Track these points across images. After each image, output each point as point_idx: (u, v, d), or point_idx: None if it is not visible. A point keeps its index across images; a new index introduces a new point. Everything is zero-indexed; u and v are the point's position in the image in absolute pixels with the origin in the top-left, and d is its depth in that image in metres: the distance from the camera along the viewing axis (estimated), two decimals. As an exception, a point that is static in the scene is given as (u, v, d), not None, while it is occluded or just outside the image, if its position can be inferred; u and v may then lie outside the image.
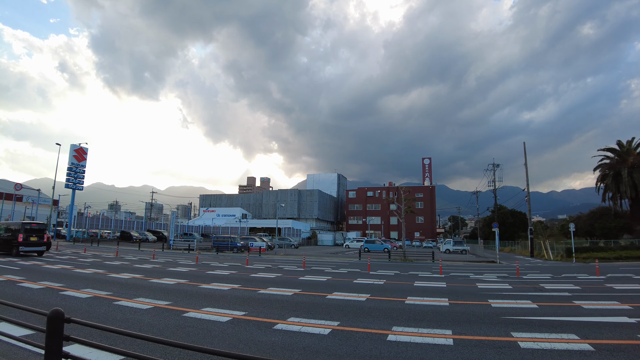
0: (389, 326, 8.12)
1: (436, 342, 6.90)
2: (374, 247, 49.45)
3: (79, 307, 8.99)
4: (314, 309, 9.82)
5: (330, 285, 14.42)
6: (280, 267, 21.15)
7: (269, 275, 16.82)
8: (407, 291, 13.45)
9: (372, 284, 15.10)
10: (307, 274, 17.74)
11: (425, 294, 12.64)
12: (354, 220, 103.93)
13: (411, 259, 32.11)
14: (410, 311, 9.76)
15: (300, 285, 14.07)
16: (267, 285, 13.60)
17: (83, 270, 16.28)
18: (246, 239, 43.11)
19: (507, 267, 27.06)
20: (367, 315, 9.25)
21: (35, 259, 20.84)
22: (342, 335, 7.33)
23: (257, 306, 9.85)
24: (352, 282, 15.47)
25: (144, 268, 18.39)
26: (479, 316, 9.29)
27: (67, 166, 49.31)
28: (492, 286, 15.40)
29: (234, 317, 8.56)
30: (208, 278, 15.26)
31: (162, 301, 9.93)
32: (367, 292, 12.70)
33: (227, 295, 11.49)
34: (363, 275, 18.49)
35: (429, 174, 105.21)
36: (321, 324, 8.19)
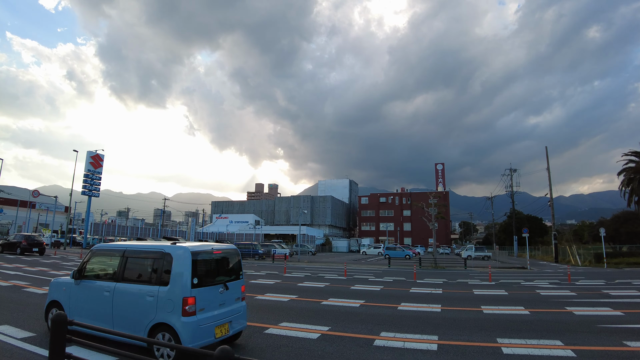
0: (492, 338, 7.54)
1: (555, 353, 6.57)
2: (395, 253, 48.32)
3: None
4: (399, 322, 8.99)
5: (392, 295, 13.57)
6: (320, 276, 20.17)
7: (318, 285, 15.88)
8: (475, 300, 12.82)
9: (432, 293, 14.28)
10: (356, 283, 16.80)
11: (497, 303, 12.10)
12: (367, 226, 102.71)
13: (443, 266, 31.12)
14: (497, 321, 9.29)
15: (358, 295, 13.16)
16: (325, 296, 12.70)
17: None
18: (266, 246, 42.19)
19: (547, 274, 26.20)
20: (462, 328, 8.51)
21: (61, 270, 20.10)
22: (453, 351, 6.69)
23: (334, 319, 8.95)
24: (410, 292, 14.65)
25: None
26: (579, 325, 8.96)
27: (84, 173, 48.73)
28: (555, 293, 14.80)
29: (321, 332, 7.66)
30: (257, 288, 14.35)
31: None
32: (437, 303, 11.98)
33: (293, 307, 10.63)
34: (413, 284, 17.61)
35: (442, 179, 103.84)
36: (424, 338, 7.46)
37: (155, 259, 6.05)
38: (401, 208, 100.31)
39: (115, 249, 6.65)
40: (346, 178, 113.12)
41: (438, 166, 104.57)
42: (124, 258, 6.32)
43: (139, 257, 6.36)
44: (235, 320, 6.35)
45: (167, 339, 5.47)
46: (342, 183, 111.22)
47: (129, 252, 6.37)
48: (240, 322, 6.55)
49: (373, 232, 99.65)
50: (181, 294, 5.54)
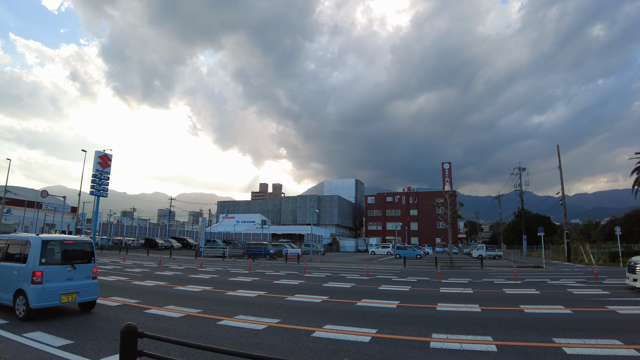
0: (548, 338, 7.25)
1: (619, 353, 6.34)
2: (406, 253, 47.67)
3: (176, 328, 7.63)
4: (444, 323, 8.65)
5: (424, 296, 13.15)
6: (342, 276, 19.71)
7: (344, 285, 15.43)
8: (510, 299, 12.51)
9: (464, 293, 13.89)
10: (382, 284, 16.33)
11: (534, 302, 11.81)
12: (373, 226, 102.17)
13: (459, 266, 30.69)
14: (543, 320, 9.05)
15: (389, 295, 12.72)
16: (357, 297, 12.27)
17: (142, 283, 15.02)
18: (276, 246, 41.79)
19: (567, 272, 25.86)
20: (510, 328, 8.20)
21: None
22: (514, 352, 6.41)
23: (376, 321, 8.53)
24: (440, 292, 14.22)
25: (210, 280, 17.09)
26: (628, 323, 8.76)
27: (92, 173, 48.35)
28: (588, 292, 14.37)
29: (371, 335, 7.24)
30: (284, 289, 13.93)
31: (271, 319, 8.58)
32: (473, 302, 11.58)
33: (330, 308, 10.17)
34: (440, 284, 17.17)
35: (449, 178, 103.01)
36: (478, 339, 7.15)
37: (22, 245, 8.49)
38: (408, 207, 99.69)
39: (2, 239, 9.37)
40: (352, 177, 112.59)
41: (445, 165, 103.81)
42: (7, 244, 8.87)
43: (15, 243, 8.75)
44: (82, 292, 8.65)
45: (22, 301, 7.89)
46: (348, 183, 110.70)
47: (10, 240, 8.97)
48: (88, 294, 8.80)
49: (380, 232, 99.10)
50: (32, 269, 7.99)
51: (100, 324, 7.75)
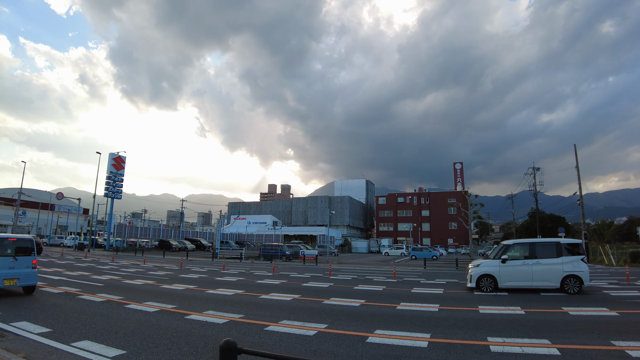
0: (606, 341, 7.03)
1: None
2: (421, 254, 47.30)
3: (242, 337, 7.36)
4: (494, 326, 8.35)
5: (461, 299, 12.76)
6: (369, 278, 19.32)
7: (376, 288, 15.03)
8: (549, 301, 12.14)
9: (500, 295, 13.47)
10: (413, 286, 15.93)
11: (577, 304, 11.34)
12: (385, 226, 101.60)
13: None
14: (593, 322, 8.96)
15: (425, 299, 12.34)
16: (394, 300, 11.95)
17: (171, 286, 14.82)
18: (291, 247, 41.55)
19: (593, 274, 25.24)
20: (573, 330, 7.90)
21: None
22: (577, 355, 6.10)
23: (434, 326, 8.11)
24: (475, 295, 13.77)
25: (238, 282, 16.84)
26: None
27: (106, 175, 48.60)
28: (625, 294, 13.97)
29: (427, 340, 6.87)
30: (318, 291, 13.61)
31: (318, 324, 8.28)
32: (514, 305, 11.27)
33: (373, 313, 9.81)
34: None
35: (461, 178, 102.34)
36: (538, 342, 6.90)
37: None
38: (419, 208, 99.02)
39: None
40: (363, 178, 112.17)
41: (457, 165, 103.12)
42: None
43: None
44: (22, 279, 10.89)
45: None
46: (359, 183, 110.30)
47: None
48: (27, 280, 11.04)
49: (391, 233, 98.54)
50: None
51: (149, 331, 7.50)
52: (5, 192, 79.51)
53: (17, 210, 56.86)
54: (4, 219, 73.42)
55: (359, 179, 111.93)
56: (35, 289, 11.69)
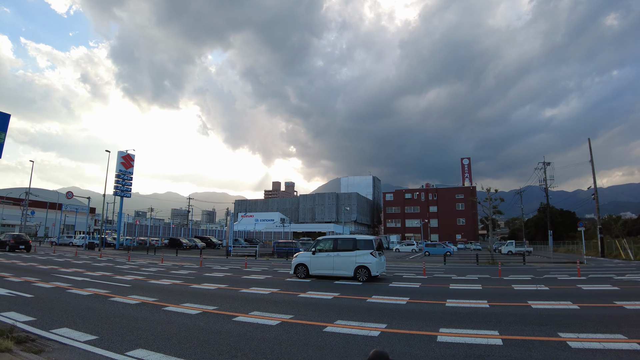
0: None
1: None
2: (435, 250, 46.75)
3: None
4: (556, 321, 8.20)
5: (505, 294, 12.36)
6: (398, 275, 18.74)
7: (413, 285, 14.42)
8: (597, 296, 12.03)
9: (541, 290, 13.31)
10: (449, 283, 15.42)
11: (625, 298, 11.33)
12: (392, 223, 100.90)
13: (499, 262, 29.69)
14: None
15: (468, 295, 11.85)
16: (439, 298, 11.43)
17: (200, 286, 14.24)
18: (304, 244, 41.05)
19: (615, 268, 25.76)
20: (631, 325, 7.95)
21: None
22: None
23: (489, 322, 7.60)
24: (515, 289, 13.60)
25: (267, 281, 16.23)
26: None
27: (115, 174, 48.08)
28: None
29: (501, 337, 6.27)
30: (349, 289, 12.96)
31: (378, 324, 7.67)
32: (564, 300, 11.04)
33: (425, 310, 9.23)
34: (507, 281, 16.34)
35: (469, 174, 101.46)
36: (611, 338, 6.90)
37: None
38: (427, 204, 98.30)
39: None
40: (369, 174, 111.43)
41: (464, 161, 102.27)
42: None
43: None
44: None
45: None
46: (366, 180, 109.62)
47: None
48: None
49: (399, 229, 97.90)
50: None
51: (203, 336, 6.91)
52: (12, 192, 79.30)
53: (26, 209, 56.50)
54: (11, 219, 73.22)
55: (366, 176, 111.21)
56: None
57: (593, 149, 48.54)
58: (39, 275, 15.67)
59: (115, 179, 48.07)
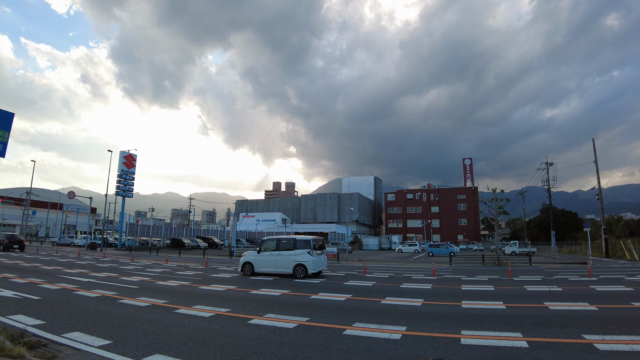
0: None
1: None
2: (438, 251, 46.48)
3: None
4: (578, 323, 8.02)
5: (519, 295, 12.23)
6: (407, 276, 18.50)
7: (424, 287, 14.18)
8: (615, 297, 11.91)
9: (555, 291, 13.16)
10: (460, 284, 15.19)
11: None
12: (394, 223, 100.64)
13: (506, 262, 29.47)
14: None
15: (482, 296, 11.72)
16: (452, 299, 11.25)
17: (209, 287, 14.02)
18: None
19: (621, 269, 25.23)
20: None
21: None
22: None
23: (510, 324, 7.41)
24: (528, 290, 13.54)
25: (275, 282, 16.01)
26: None
27: (117, 173, 47.86)
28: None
29: (525, 339, 6.05)
30: (360, 291, 12.77)
31: (398, 326, 7.45)
32: (581, 301, 10.99)
33: (442, 312, 9.01)
34: (518, 282, 16.18)
35: (471, 174, 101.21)
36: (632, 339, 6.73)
37: None
38: (429, 204, 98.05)
39: None
40: (371, 175, 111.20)
41: (466, 161, 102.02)
42: None
43: None
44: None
45: None
46: (367, 180, 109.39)
47: None
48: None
49: (400, 229, 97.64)
50: None
51: (221, 340, 6.68)
52: (12, 192, 79.05)
53: (27, 209, 56.30)
54: (12, 219, 72.97)
55: (367, 176, 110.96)
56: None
57: (593, 150, 48.26)
58: (43, 277, 15.44)
59: (117, 179, 47.86)
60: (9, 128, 15.79)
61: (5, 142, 15.48)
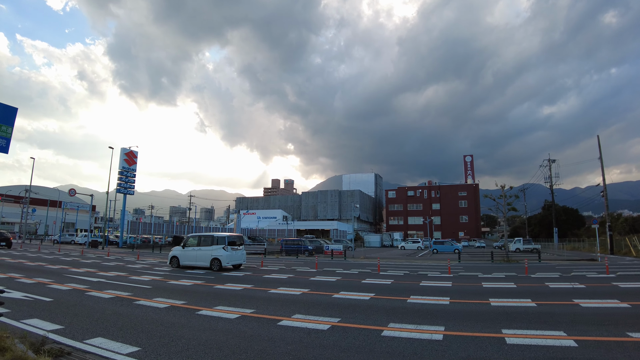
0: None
1: None
2: (443, 248, 46.28)
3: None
4: (614, 321, 7.79)
5: (541, 293, 11.92)
6: (423, 274, 18.10)
7: (445, 284, 13.82)
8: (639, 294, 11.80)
9: (578, 288, 12.94)
10: (481, 282, 14.83)
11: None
12: (395, 220, 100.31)
13: (516, 260, 29.25)
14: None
15: (507, 294, 11.42)
16: (479, 297, 10.99)
17: (224, 286, 13.60)
18: (312, 242, 40.42)
19: (631, 265, 25.12)
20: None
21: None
22: None
23: (547, 322, 7.06)
24: (550, 288, 13.26)
25: (291, 280, 15.60)
26: None
27: (118, 170, 47.25)
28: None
29: (572, 338, 5.67)
30: (382, 289, 12.35)
31: (435, 326, 7.04)
32: (611, 298, 10.84)
33: (474, 310, 8.65)
34: (537, 279, 15.85)
35: (472, 171, 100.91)
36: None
37: None
38: (430, 201, 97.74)
39: None
40: (371, 172, 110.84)
41: (467, 158, 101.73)
42: None
43: None
44: None
45: None
46: (368, 177, 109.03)
47: None
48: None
49: (401, 227, 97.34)
50: None
51: (258, 345, 6.26)
52: (10, 190, 78.40)
53: (27, 207, 55.67)
54: (11, 217, 72.36)
55: (368, 173, 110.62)
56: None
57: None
58: (51, 276, 14.97)
59: (119, 176, 47.25)
60: (12, 123, 15.27)
61: (9, 137, 14.97)
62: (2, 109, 15.05)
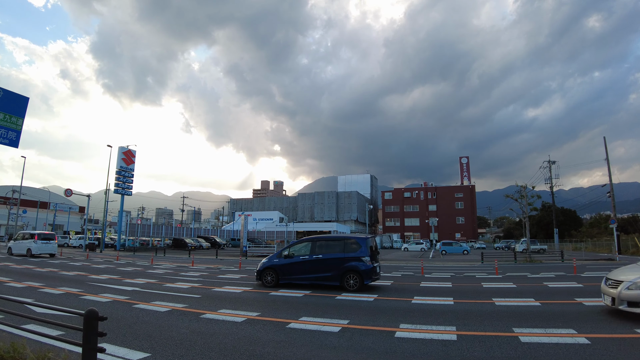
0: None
1: None
2: (452, 249, 45.62)
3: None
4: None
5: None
6: (470, 275, 17.09)
7: (508, 285, 12.81)
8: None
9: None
10: (543, 281, 14.01)
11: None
12: (391, 222, 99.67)
13: (540, 260, 28.76)
14: None
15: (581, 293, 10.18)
16: (571, 296, 10.20)
17: (283, 293, 12.31)
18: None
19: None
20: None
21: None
22: None
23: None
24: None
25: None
26: None
27: (115, 170, 45.46)
28: None
29: None
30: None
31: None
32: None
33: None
34: (587, 278, 15.19)
35: (467, 173, 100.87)
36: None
37: None
38: (427, 203, 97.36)
39: None
40: (367, 173, 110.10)
41: (463, 160, 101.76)
42: None
43: None
44: None
45: None
46: (363, 178, 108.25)
47: None
48: None
49: (398, 228, 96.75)
50: None
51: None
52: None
53: (18, 208, 53.29)
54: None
55: (364, 174, 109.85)
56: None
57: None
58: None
59: (116, 176, 45.45)
60: (23, 114, 13.68)
61: (19, 130, 13.44)
62: (13, 98, 13.35)
